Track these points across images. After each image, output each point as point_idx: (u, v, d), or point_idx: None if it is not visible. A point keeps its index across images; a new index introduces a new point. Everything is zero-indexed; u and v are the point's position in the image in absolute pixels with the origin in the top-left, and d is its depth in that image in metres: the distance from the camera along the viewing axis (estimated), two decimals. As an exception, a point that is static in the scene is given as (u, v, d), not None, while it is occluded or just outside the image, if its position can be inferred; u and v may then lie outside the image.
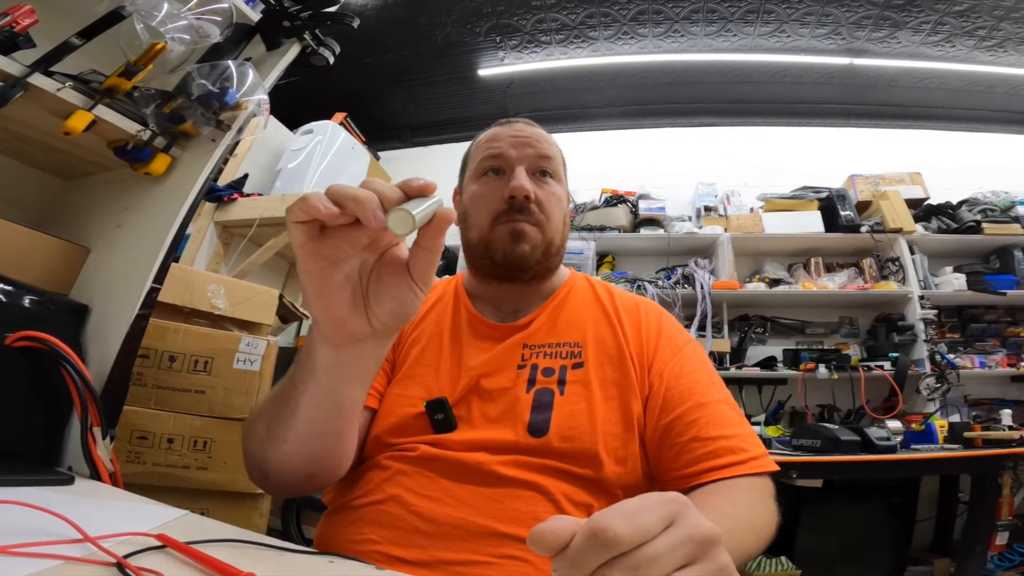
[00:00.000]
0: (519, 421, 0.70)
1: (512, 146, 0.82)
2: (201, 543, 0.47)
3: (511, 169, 0.81)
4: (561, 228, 0.84)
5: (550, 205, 0.82)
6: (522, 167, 0.81)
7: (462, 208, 0.87)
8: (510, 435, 0.69)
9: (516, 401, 0.72)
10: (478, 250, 0.82)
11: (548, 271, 0.85)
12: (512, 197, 0.78)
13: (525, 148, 0.82)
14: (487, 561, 0.60)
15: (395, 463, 0.69)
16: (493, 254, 0.80)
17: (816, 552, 2.16)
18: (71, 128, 0.94)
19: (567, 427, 0.69)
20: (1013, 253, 3.02)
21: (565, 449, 0.68)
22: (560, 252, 0.86)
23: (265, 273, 2.77)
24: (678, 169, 3.72)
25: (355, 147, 3.26)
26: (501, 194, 0.79)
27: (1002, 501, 1.89)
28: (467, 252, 0.86)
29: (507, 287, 0.84)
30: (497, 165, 0.83)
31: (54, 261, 1.04)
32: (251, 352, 1.50)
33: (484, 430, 0.71)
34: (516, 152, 0.82)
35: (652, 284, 3.13)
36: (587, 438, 0.68)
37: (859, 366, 2.76)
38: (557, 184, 0.85)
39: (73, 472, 0.81)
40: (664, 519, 0.30)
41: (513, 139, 0.83)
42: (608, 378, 0.74)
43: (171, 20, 1.01)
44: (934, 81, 3.54)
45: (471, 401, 0.74)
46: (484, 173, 0.84)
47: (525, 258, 0.79)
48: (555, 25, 3.32)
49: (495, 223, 0.80)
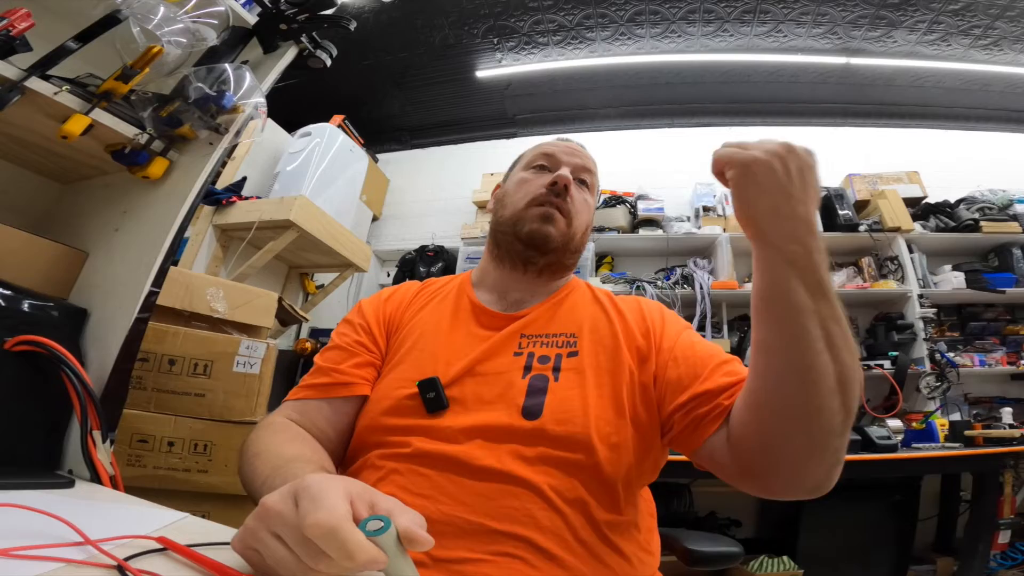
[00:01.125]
0: (513, 405, 0.71)
1: (564, 153, 0.92)
2: (202, 546, 0.47)
3: (558, 167, 0.90)
4: (582, 232, 0.91)
5: (579, 207, 0.89)
6: (567, 168, 0.89)
7: (502, 192, 0.95)
8: (504, 418, 0.70)
9: (511, 385, 0.73)
10: (506, 226, 0.88)
11: (561, 267, 0.89)
12: (554, 183, 0.85)
13: (573, 158, 0.92)
14: (483, 559, 0.60)
15: (388, 462, 0.69)
16: (519, 229, 0.86)
17: (818, 552, 2.16)
18: (68, 132, 0.94)
19: (560, 411, 0.70)
20: (1012, 251, 3.02)
21: (558, 433, 0.68)
22: (577, 253, 0.92)
23: (264, 276, 2.77)
24: (676, 169, 3.73)
25: (353, 149, 3.26)
26: (543, 182, 0.87)
27: (1004, 499, 1.89)
28: (494, 230, 0.93)
29: (517, 276, 0.88)
30: (547, 163, 0.91)
31: (53, 265, 1.03)
32: (251, 355, 1.50)
33: (477, 412, 0.71)
34: (566, 158, 0.92)
35: (651, 284, 3.13)
36: (579, 422, 0.69)
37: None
38: (590, 196, 0.94)
39: (73, 475, 0.81)
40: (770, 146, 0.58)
41: (566, 149, 0.94)
42: (602, 367, 0.76)
43: (167, 23, 1.01)
44: (930, 80, 3.55)
45: (465, 383, 0.75)
46: (533, 166, 0.92)
47: (548, 238, 0.85)
48: (552, 26, 3.32)
49: (530, 204, 0.87)
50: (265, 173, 3.04)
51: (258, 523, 0.40)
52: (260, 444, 0.68)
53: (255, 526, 0.40)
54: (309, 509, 0.36)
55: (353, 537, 0.35)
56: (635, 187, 3.61)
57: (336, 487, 0.39)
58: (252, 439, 0.71)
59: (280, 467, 0.60)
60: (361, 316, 0.88)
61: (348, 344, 0.83)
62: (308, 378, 0.81)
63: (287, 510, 0.38)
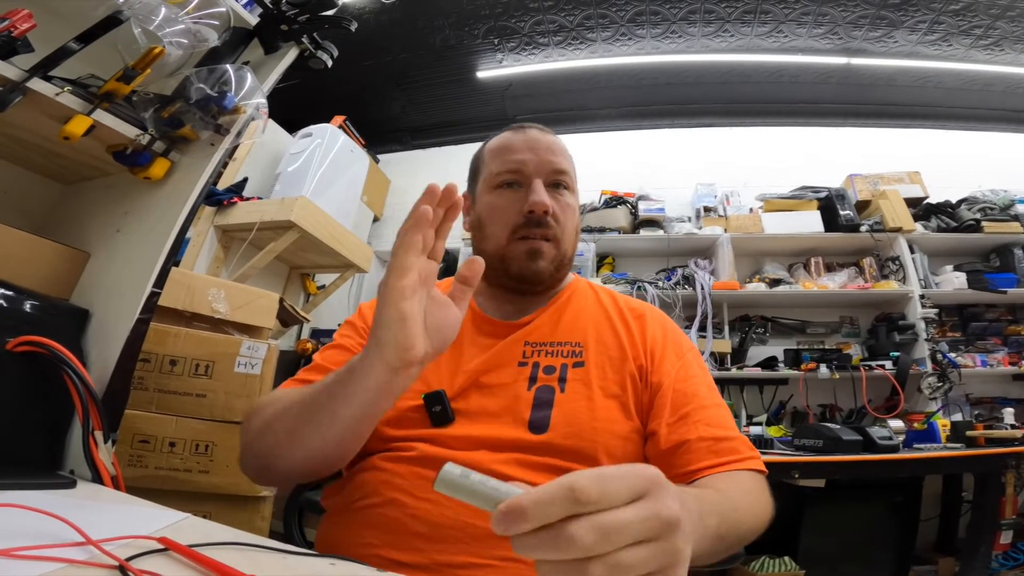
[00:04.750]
0: (520, 418, 0.71)
1: (529, 156, 0.83)
2: (203, 546, 0.47)
3: (529, 182, 0.82)
4: (573, 238, 0.86)
5: (565, 217, 0.83)
6: (540, 180, 0.81)
7: (476, 217, 0.87)
8: (511, 432, 0.70)
9: (517, 398, 0.73)
10: (493, 262, 0.82)
11: (558, 281, 0.87)
12: (531, 212, 0.79)
13: (542, 158, 0.83)
14: (487, 564, 0.60)
15: (393, 464, 0.69)
16: (508, 268, 0.81)
17: (820, 552, 2.16)
18: (70, 133, 0.94)
19: (567, 424, 0.70)
20: (1013, 251, 3.02)
21: (565, 446, 0.68)
22: (571, 262, 0.88)
23: (265, 277, 2.77)
24: (677, 170, 3.73)
25: (354, 150, 3.27)
26: (519, 207, 0.80)
27: (1005, 500, 1.89)
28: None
29: (512, 296, 0.86)
30: (514, 179, 0.83)
31: (54, 266, 1.04)
32: (252, 356, 1.50)
33: (484, 425, 0.71)
34: (533, 164, 0.82)
35: (652, 285, 3.13)
36: (587, 435, 0.69)
37: (860, 365, 2.76)
38: (571, 195, 0.86)
39: (75, 476, 0.81)
40: (635, 491, 0.32)
41: (530, 149, 0.83)
42: (608, 378, 0.75)
43: (169, 24, 1.01)
44: (931, 80, 3.54)
45: (470, 395, 0.74)
46: (500, 185, 0.84)
47: (540, 275, 0.81)
48: (553, 27, 3.32)
49: (512, 237, 0.81)
50: (266, 174, 3.04)
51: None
52: (276, 402, 0.68)
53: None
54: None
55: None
56: (636, 187, 3.60)
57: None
58: (260, 408, 0.70)
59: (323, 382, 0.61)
60: (363, 320, 0.88)
61: (350, 345, 0.83)
62: (304, 373, 0.80)
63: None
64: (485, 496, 0.34)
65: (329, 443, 0.61)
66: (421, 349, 0.53)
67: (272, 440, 0.64)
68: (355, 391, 0.57)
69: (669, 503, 0.32)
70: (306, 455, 0.63)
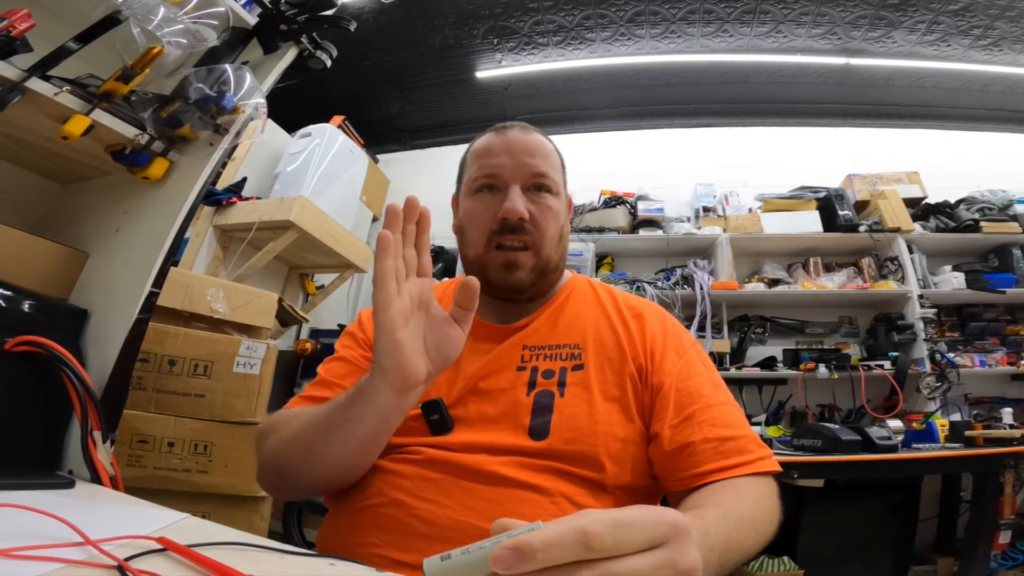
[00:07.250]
0: (519, 424, 0.70)
1: (507, 160, 0.81)
2: (202, 546, 0.47)
3: (505, 187, 0.80)
4: (557, 243, 0.83)
5: (545, 221, 0.80)
6: (516, 184, 0.79)
7: (459, 221, 0.86)
8: (511, 438, 0.69)
9: (516, 404, 0.72)
10: (474, 269, 0.82)
11: (547, 287, 0.85)
12: (504, 219, 0.78)
13: (520, 161, 0.81)
14: None
15: (396, 465, 0.69)
16: (488, 276, 0.80)
17: (818, 552, 2.16)
18: (69, 132, 0.94)
19: (567, 429, 0.69)
20: (1012, 251, 3.02)
21: (566, 451, 0.68)
22: (559, 266, 0.86)
23: (264, 277, 2.77)
24: (676, 170, 3.72)
25: (353, 150, 3.27)
26: (494, 213, 0.78)
27: (1004, 500, 1.89)
28: (465, 267, 0.86)
29: (504, 302, 0.85)
30: (491, 183, 0.81)
31: (53, 266, 1.03)
32: (251, 356, 1.50)
33: (483, 432, 0.70)
34: (510, 168, 0.80)
35: (651, 285, 3.13)
36: (588, 440, 0.68)
37: (859, 365, 2.76)
38: (553, 197, 0.83)
39: (74, 476, 0.81)
40: (653, 539, 0.30)
41: (507, 152, 0.81)
42: (608, 380, 0.74)
43: (168, 24, 1.01)
44: (930, 80, 3.55)
45: (469, 401, 0.74)
46: (479, 189, 0.82)
47: (519, 285, 0.80)
48: (552, 27, 3.32)
49: (489, 244, 0.80)
50: (265, 174, 3.04)
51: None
52: (290, 422, 0.70)
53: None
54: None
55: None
56: (635, 188, 3.60)
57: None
58: (274, 428, 0.72)
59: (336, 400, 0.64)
60: (362, 330, 0.87)
61: (353, 358, 0.83)
62: (311, 388, 0.81)
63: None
64: (472, 561, 0.31)
65: (348, 457, 0.65)
66: (423, 371, 0.57)
67: (288, 459, 0.68)
68: (365, 411, 0.60)
69: (688, 552, 0.31)
70: (326, 472, 0.67)
